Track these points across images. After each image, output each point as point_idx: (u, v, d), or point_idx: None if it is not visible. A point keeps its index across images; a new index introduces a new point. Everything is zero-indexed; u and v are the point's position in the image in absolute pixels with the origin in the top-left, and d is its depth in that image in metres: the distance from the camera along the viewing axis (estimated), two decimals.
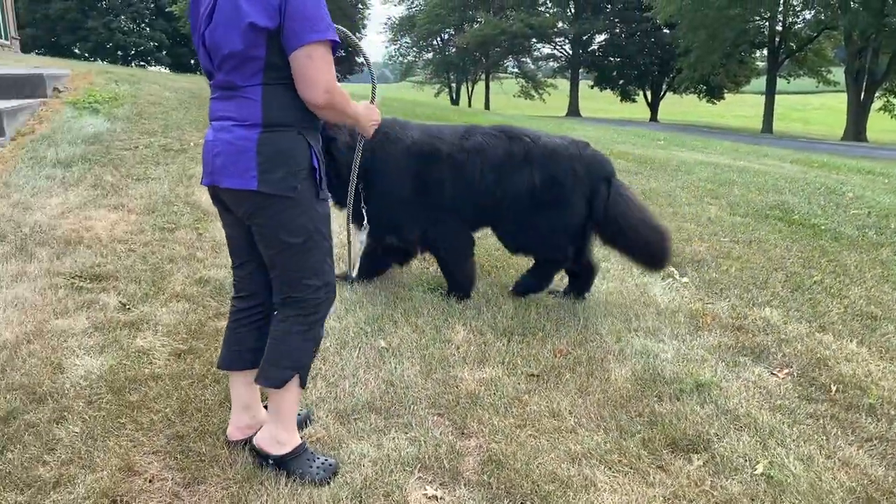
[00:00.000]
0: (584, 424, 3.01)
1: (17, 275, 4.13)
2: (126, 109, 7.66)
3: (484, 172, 3.98)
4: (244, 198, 2.45)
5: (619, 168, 7.83)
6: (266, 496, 2.52)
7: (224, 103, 2.44)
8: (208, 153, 2.49)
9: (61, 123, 6.79)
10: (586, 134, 11.68)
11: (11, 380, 3.18)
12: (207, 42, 2.39)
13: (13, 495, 2.49)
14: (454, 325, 3.81)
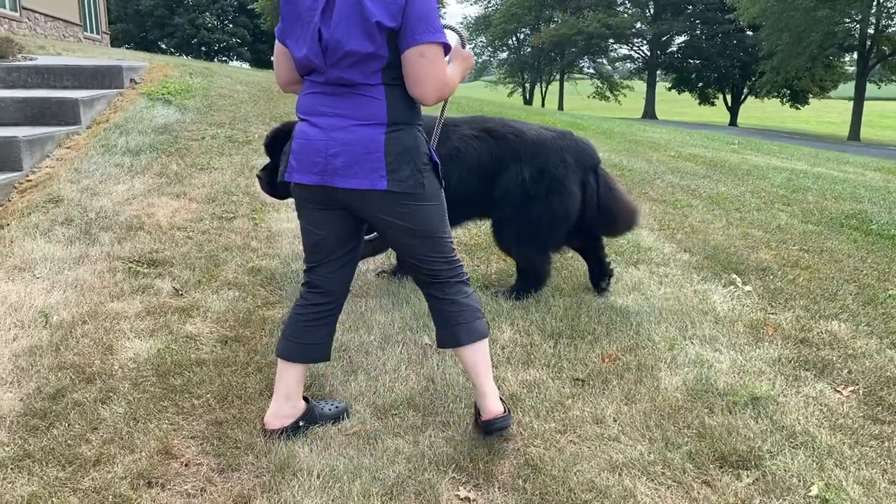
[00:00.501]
0: (628, 433, 2.91)
1: (80, 258, 4.26)
2: (197, 101, 7.85)
3: (463, 175, 3.92)
4: (371, 197, 2.47)
5: (686, 171, 7.63)
6: (297, 487, 2.51)
7: (334, 99, 2.43)
8: (319, 152, 2.45)
9: (134, 113, 6.99)
10: (655, 135, 11.42)
11: (64, 358, 3.28)
12: (325, 38, 2.36)
13: (55, 471, 2.56)
14: (501, 324, 3.75)
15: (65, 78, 7.42)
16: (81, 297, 3.85)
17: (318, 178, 2.47)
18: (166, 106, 7.40)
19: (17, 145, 5.21)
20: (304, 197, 2.60)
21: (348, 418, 2.93)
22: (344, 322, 3.67)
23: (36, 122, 6.18)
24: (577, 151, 4.09)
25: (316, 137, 2.45)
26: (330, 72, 2.41)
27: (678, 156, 8.81)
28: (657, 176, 7.24)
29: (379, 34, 2.32)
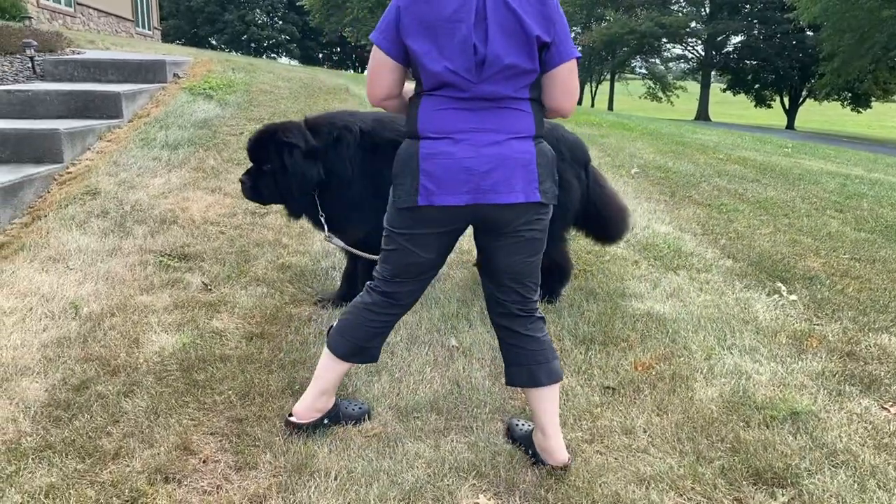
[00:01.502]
0: (658, 445, 2.83)
1: (113, 250, 4.32)
2: (238, 96, 7.94)
3: None
4: (523, 211, 2.44)
5: (734, 175, 7.46)
6: (314, 488, 2.50)
7: (480, 115, 2.38)
8: (469, 170, 2.37)
9: (175, 107, 7.10)
10: (704, 137, 11.20)
11: (91, 350, 3.33)
12: (484, 51, 2.31)
13: (74, 462, 2.59)
14: None
15: (109, 72, 7.58)
16: (112, 289, 3.90)
17: (470, 198, 2.37)
18: (207, 101, 7.50)
19: (58, 138, 5.33)
20: (435, 219, 2.46)
21: (370, 420, 2.91)
22: None
23: (79, 115, 6.31)
24: (571, 145, 4.08)
25: (463, 155, 2.36)
26: (480, 87, 2.34)
27: (727, 158, 8.62)
28: (703, 179, 7.09)
29: (534, 49, 2.34)
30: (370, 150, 3.67)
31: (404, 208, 2.46)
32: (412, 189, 2.42)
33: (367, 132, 3.69)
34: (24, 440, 2.71)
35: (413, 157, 2.42)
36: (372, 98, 2.53)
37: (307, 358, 3.32)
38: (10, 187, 4.62)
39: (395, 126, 3.78)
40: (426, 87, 2.41)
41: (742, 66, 51.04)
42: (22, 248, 4.19)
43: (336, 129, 3.64)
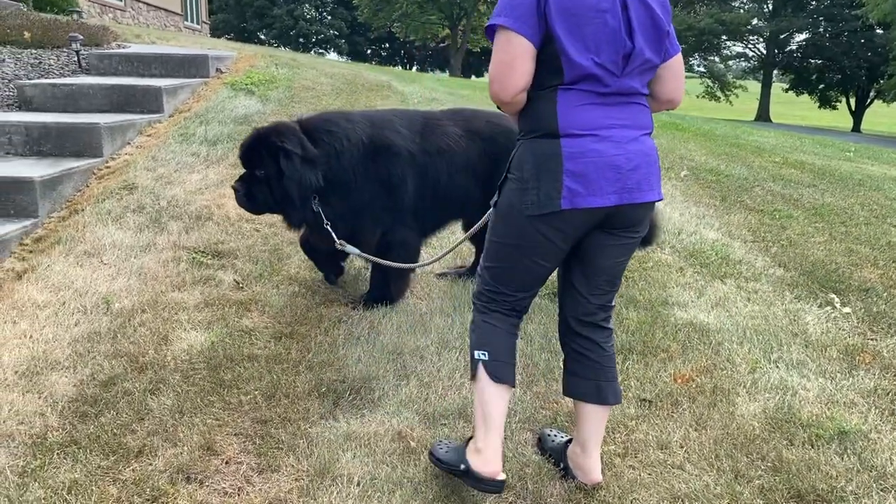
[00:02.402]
0: (695, 462, 2.77)
1: (147, 246, 4.40)
2: (279, 92, 8.02)
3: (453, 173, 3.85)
4: (650, 209, 2.47)
5: (789, 179, 7.27)
6: (335, 493, 2.51)
7: (618, 110, 2.33)
8: (617, 168, 2.30)
9: (216, 103, 7.20)
10: (761, 139, 10.94)
11: (120, 346, 3.39)
12: (630, 45, 2.28)
13: (98, 459, 2.65)
14: None
15: (153, 66, 7.72)
16: (144, 285, 3.97)
17: (616, 198, 2.30)
18: (248, 96, 7.59)
19: (98, 132, 5.45)
20: (572, 224, 2.35)
21: None
22: (401, 324, 3.67)
23: (121, 109, 6.44)
24: None
25: (611, 153, 2.28)
26: (620, 81, 2.30)
27: (784, 162, 8.40)
28: (757, 183, 6.93)
29: (664, 42, 2.37)
30: (372, 152, 3.67)
31: (538, 215, 2.31)
32: (552, 192, 2.27)
33: (367, 135, 3.68)
34: (50, 434, 2.78)
35: (554, 158, 2.27)
36: (505, 93, 2.29)
37: (335, 360, 3.33)
38: (49, 180, 4.73)
39: (393, 125, 3.79)
40: (567, 80, 2.28)
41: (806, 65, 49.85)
42: (58, 241, 4.29)
43: (335, 137, 3.62)
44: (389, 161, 3.70)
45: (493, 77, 2.30)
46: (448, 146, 3.84)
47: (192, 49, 9.17)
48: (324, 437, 2.80)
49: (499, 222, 2.45)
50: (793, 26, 47.51)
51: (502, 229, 2.43)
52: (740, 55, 54.23)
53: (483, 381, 2.46)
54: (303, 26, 51.18)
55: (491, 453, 2.43)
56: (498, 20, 2.25)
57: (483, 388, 2.47)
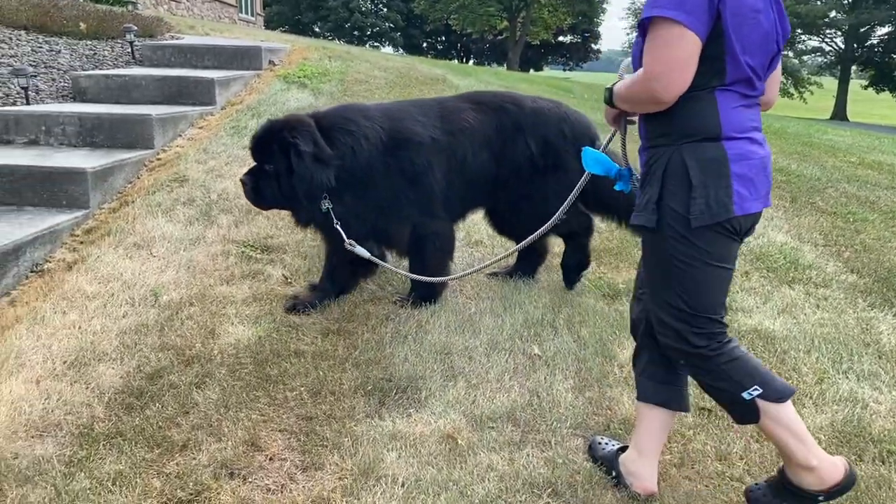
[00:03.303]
0: (756, 474, 2.72)
1: (197, 239, 4.51)
2: (332, 85, 8.12)
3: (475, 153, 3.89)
4: None
5: (865, 180, 7.09)
6: (379, 494, 2.53)
7: (754, 111, 2.34)
8: (768, 171, 2.34)
9: (269, 95, 7.32)
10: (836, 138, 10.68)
11: (167, 339, 3.48)
12: (776, 48, 2.30)
13: (143, 451, 2.72)
14: (623, 340, 3.62)
15: (206, 58, 7.90)
16: (192, 278, 4.07)
17: (763, 202, 2.33)
18: (301, 89, 7.70)
19: (150, 123, 5.59)
20: (736, 231, 2.30)
21: None
22: (449, 324, 3.68)
23: (173, 101, 6.60)
24: (574, 122, 4.09)
25: (761, 155, 2.30)
26: (761, 84, 2.31)
27: (860, 162, 8.19)
28: (830, 184, 6.76)
29: None
30: (393, 147, 3.69)
31: (710, 224, 2.24)
32: (724, 198, 2.21)
33: (386, 130, 3.70)
34: (96, 426, 2.86)
35: (720, 162, 2.22)
36: (668, 93, 2.17)
37: (382, 358, 3.36)
38: (101, 172, 4.88)
39: (411, 115, 3.82)
40: (728, 81, 2.23)
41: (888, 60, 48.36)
42: (109, 233, 4.42)
43: (352, 137, 3.62)
44: (412, 152, 3.73)
45: (655, 75, 2.16)
46: (468, 123, 3.89)
47: (245, 41, 9.33)
48: (369, 435, 2.83)
49: (677, 244, 2.28)
50: (874, 19, 46.13)
51: (685, 248, 2.28)
52: (816, 50, 52.93)
53: (772, 411, 2.35)
54: (358, 19, 51.66)
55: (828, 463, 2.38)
56: (666, 12, 2.12)
57: (779, 415, 2.35)
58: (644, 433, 2.62)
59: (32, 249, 4.10)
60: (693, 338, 2.34)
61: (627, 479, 2.62)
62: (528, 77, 18.14)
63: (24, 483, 2.54)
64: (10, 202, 4.64)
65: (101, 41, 8.18)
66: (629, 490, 2.61)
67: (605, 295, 4.12)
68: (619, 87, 2.39)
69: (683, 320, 2.34)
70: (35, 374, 3.17)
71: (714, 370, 2.36)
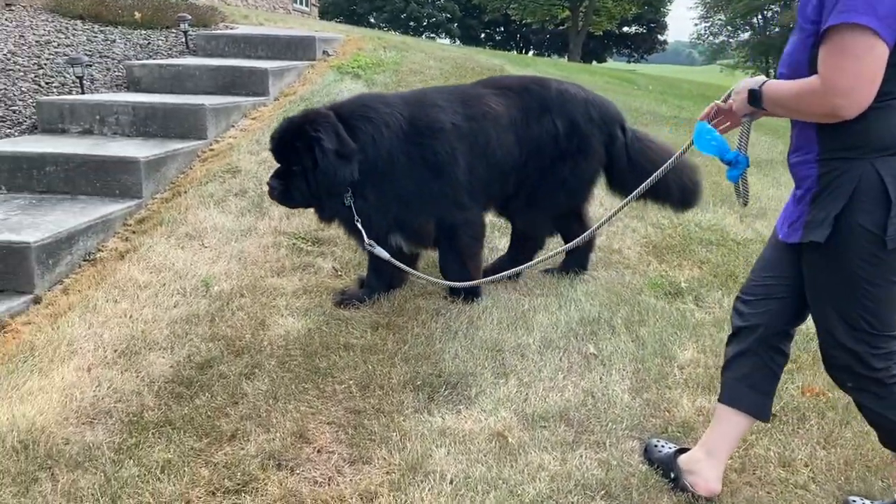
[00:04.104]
0: (821, 483, 2.69)
1: (248, 230, 4.61)
2: (386, 76, 8.19)
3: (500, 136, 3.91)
4: None
5: None
6: (427, 490, 2.57)
7: None
8: None
9: (322, 86, 7.43)
10: None
11: (217, 329, 3.58)
12: None
13: (191, 440, 2.81)
14: (684, 340, 3.60)
15: (259, 48, 8.05)
16: (243, 269, 4.17)
17: None
18: (355, 80, 7.79)
19: (203, 114, 5.73)
20: None
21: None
22: (501, 320, 3.71)
23: (226, 91, 6.75)
24: (600, 104, 4.15)
25: None
26: None
27: None
28: None
29: None
30: (415, 135, 3.69)
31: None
32: None
33: (407, 117, 3.70)
34: (146, 414, 2.96)
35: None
36: (854, 109, 2.06)
37: (432, 353, 3.41)
38: (154, 161, 5.02)
39: (432, 101, 3.84)
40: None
41: None
42: (161, 223, 4.55)
43: (373, 124, 3.62)
44: (435, 139, 3.72)
45: (841, 90, 2.04)
46: (490, 108, 3.91)
47: (299, 31, 9.47)
48: (417, 431, 2.87)
49: (866, 264, 2.20)
50: None
51: (874, 269, 2.21)
52: None
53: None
54: (414, 9, 51.86)
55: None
56: (859, 18, 1.97)
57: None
58: (720, 436, 2.62)
59: (86, 238, 4.25)
60: (872, 360, 2.28)
61: (689, 479, 2.62)
62: (589, 68, 18.05)
63: (74, 468, 2.65)
64: (65, 191, 4.81)
65: (155, 31, 8.40)
66: (689, 492, 2.60)
67: (667, 293, 4.10)
68: (777, 93, 2.25)
69: (864, 341, 2.28)
70: (86, 361, 3.30)
71: (888, 396, 2.31)
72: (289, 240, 4.52)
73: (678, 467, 2.66)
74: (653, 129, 7.76)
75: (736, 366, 2.60)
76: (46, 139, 5.46)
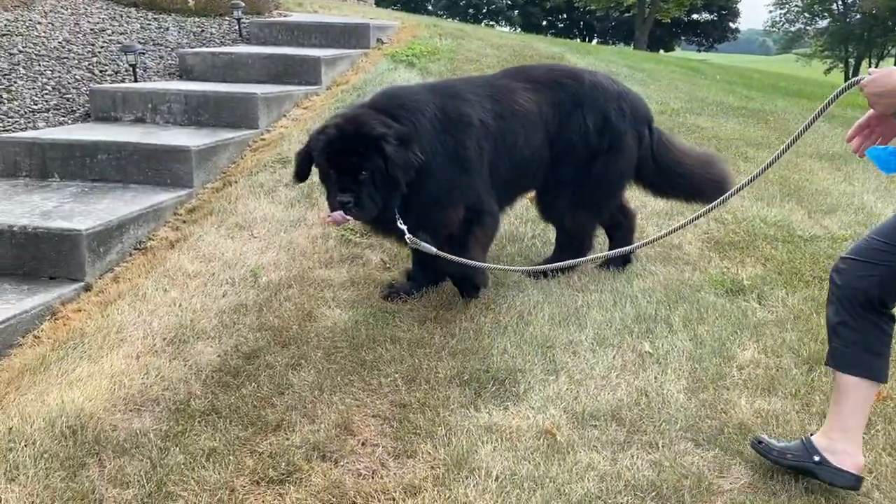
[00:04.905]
0: (885, 491, 2.66)
1: (297, 221, 4.72)
2: (441, 64, 8.25)
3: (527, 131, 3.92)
4: None
5: None
6: (472, 486, 2.63)
7: None
8: None
9: (375, 75, 7.52)
10: None
11: (265, 320, 3.68)
12: None
13: (237, 430, 2.91)
14: (744, 340, 3.57)
15: (313, 36, 8.18)
16: (292, 260, 4.27)
17: None
18: (409, 69, 7.86)
19: (254, 103, 5.87)
20: None
21: None
22: (553, 316, 3.73)
23: (278, 80, 6.89)
24: (633, 100, 4.16)
25: None
26: None
27: None
28: None
29: None
30: (447, 125, 3.69)
31: None
32: None
33: (439, 107, 3.71)
34: (193, 402, 3.07)
35: None
36: None
37: (480, 348, 3.45)
38: (205, 150, 5.17)
39: (461, 93, 3.84)
40: None
41: None
42: (211, 212, 4.69)
43: (409, 112, 3.62)
44: (465, 133, 3.72)
45: None
46: (520, 105, 3.91)
47: (354, 18, 9.58)
48: (463, 426, 2.92)
49: None
50: None
51: None
52: None
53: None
54: None
55: None
56: None
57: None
58: (849, 409, 2.62)
59: (136, 227, 4.40)
60: None
61: (835, 458, 2.60)
62: (655, 57, 17.84)
63: (121, 454, 2.77)
64: (116, 179, 4.98)
65: (208, 18, 8.59)
66: (839, 473, 2.58)
67: (728, 291, 4.06)
68: None
69: None
70: (135, 349, 3.43)
71: None
72: (338, 231, 4.60)
73: (818, 451, 2.63)
74: (719, 120, 7.69)
75: (849, 333, 2.61)
76: (99, 127, 5.66)
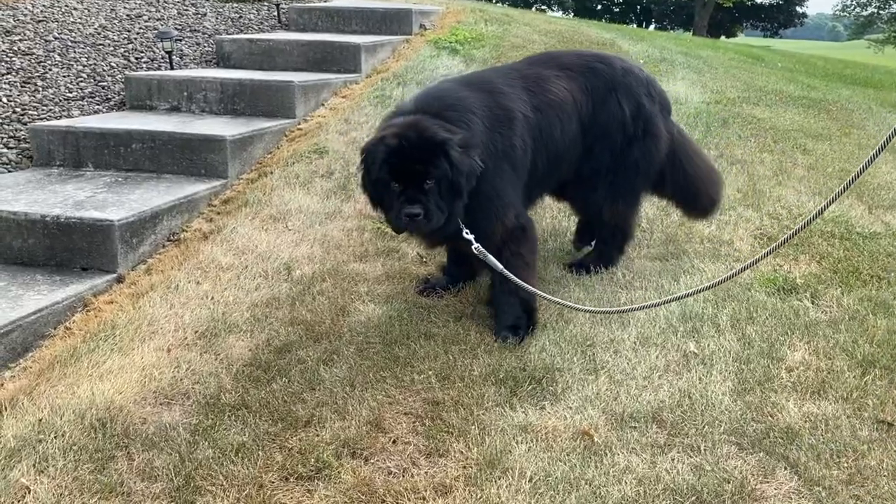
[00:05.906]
0: None
1: (333, 213, 4.80)
2: (486, 51, 8.27)
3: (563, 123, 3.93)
4: None
5: None
6: (504, 486, 2.67)
7: None
8: None
9: (417, 62, 7.58)
10: None
11: (297, 314, 3.76)
12: None
13: (266, 424, 2.99)
14: (794, 341, 3.56)
15: (354, 22, 8.28)
16: (326, 254, 4.35)
17: None
18: (452, 56, 7.91)
19: (291, 91, 5.96)
20: None
21: None
22: (594, 314, 3.74)
23: (317, 67, 6.99)
24: (659, 87, 4.25)
25: None
26: None
27: None
28: None
29: None
30: (494, 122, 3.67)
31: None
32: None
33: (483, 103, 3.68)
34: (223, 396, 3.16)
35: None
36: None
37: (517, 346, 3.49)
38: (240, 140, 5.27)
39: (498, 87, 3.83)
40: None
41: None
42: (245, 204, 4.79)
43: (459, 112, 3.58)
44: (511, 130, 3.69)
45: None
46: (555, 94, 3.93)
47: (396, 3, 9.66)
48: (497, 425, 2.97)
49: None
50: None
51: None
52: None
53: None
54: None
55: None
56: None
57: None
58: None
59: (170, 217, 4.52)
60: None
61: None
62: (713, 43, 17.61)
63: (150, 448, 2.87)
64: (150, 169, 5.12)
65: (247, 4, 8.76)
66: None
67: (780, 290, 4.04)
68: None
69: None
70: (166, 342, 3.53)
71: None
72: (373, 224, 4.67)
73: None
74: (777, 110, 7.61)
75: None
76: (133, 116, 5.80)
